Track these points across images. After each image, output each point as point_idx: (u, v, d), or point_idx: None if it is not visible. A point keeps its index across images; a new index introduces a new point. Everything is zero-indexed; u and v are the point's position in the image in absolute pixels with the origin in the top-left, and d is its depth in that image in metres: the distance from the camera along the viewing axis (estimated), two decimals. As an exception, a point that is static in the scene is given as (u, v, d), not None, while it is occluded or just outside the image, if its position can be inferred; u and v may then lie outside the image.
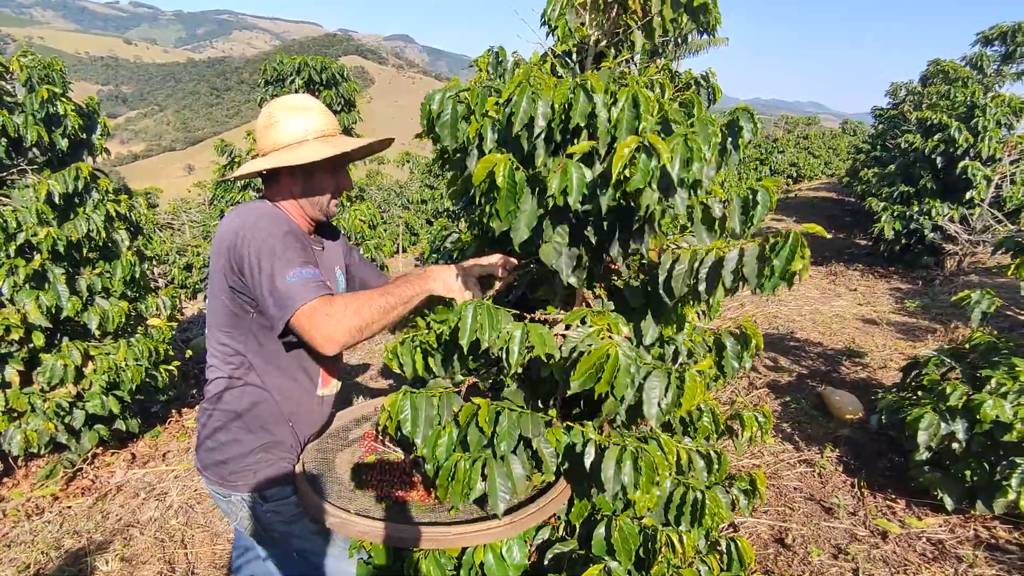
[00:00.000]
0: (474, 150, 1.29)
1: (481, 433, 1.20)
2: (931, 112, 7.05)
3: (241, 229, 1.33)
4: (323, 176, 1.48)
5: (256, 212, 1.38)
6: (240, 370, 1.45)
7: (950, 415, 2.59)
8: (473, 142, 1.29)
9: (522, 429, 1.21)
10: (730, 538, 1.67)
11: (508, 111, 1.18)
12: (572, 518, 1.45)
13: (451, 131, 1.31)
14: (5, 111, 3.08)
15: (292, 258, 1.30)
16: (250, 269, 1.30)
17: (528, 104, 1.16)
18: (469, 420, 1.22)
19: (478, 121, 1.27)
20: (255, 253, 1.30)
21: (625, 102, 1.12)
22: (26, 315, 3.06)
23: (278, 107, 1.46)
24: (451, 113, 1.30)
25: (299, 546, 1.56)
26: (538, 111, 1.17)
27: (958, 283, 6.43)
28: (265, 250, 1.29)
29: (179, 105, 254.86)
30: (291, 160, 1.39)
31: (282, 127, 1.43)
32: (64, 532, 2.95)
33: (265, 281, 1.28)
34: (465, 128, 1.30)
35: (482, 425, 1.19)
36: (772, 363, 4.58)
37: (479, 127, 1.26)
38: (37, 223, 3.11)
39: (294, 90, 5.56)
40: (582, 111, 1.13)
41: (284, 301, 1.26)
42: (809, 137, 18.01)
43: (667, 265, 1.23)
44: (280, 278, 1.27)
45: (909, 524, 2.69)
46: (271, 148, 1.45)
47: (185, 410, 4.34)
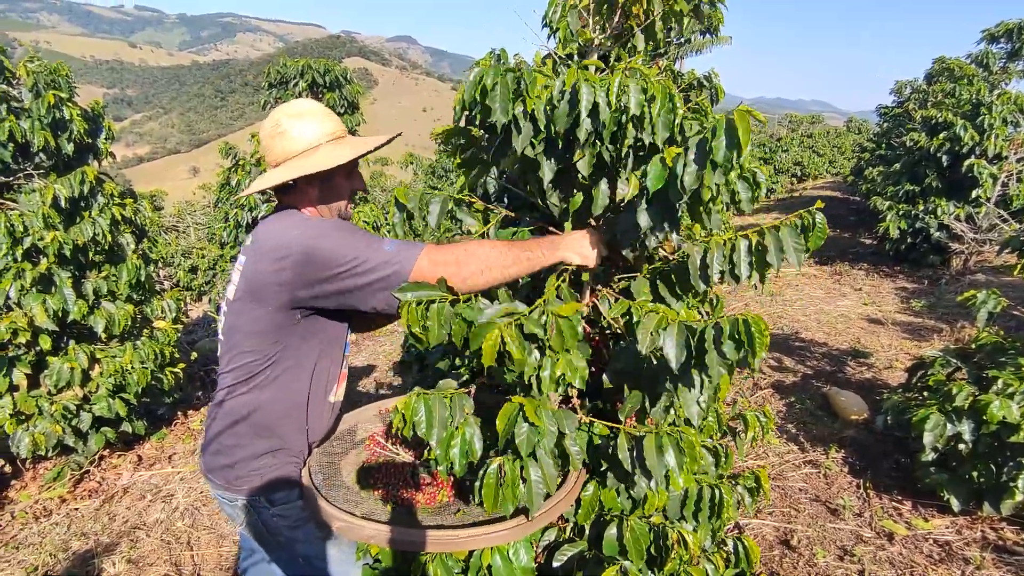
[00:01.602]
0: (526, 124, 1.28)
1: (531, 428, 1.18)
2: (936, 110, 7.02)
3: (306, 239, 1.31)
4: (340, 180, 1.49)
5: (305, 220, 1.39)
6: (257, 374, 1.45)
7: (956, 416, 2.58)
8: (525, 118, 1.28)
9: (559, 425, 1.22)
10: (736, 537, 1.67)
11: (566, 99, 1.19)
12: (580, 519, 1.45)
13: (502, 105, 1.27)
14: (12, 116, 3.11)
15: (375, 238, 1.31)
16: (343, 272, 1.29)
17: (589, 92, 1.17)
18: (512, 420, 1.19)
19: (531, 98, 1.26)
20: (342, 256, 1.29)
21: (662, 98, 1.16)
22: (33, 318, 3.08)
23: (283, 115, 1.44)
24: (501, 88, 1.27)
25: (305, 550, 1.56)
26: (599, 99, 1.18)
27: (964, 282, 6.40)
28: (350, 247, 1.29)
29: (183, 108, 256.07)
30: (311, 168, 1.38)
31: (292, 134, 1.42)
32: (72, 534, 2.97)
33: (365, 269, 1.28)
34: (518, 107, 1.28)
35: (533, 419, 1.16)
36: (777, 363, 4.57)
37: (533, 103, 1.25)
38: (43, 227, 3.13)
39: (298, 93, 5.59)
40: (638, 103, 1.16)
41: (396, 265, 1.26)
42: (813, 136, 17.95)
43: (698, 255, 1.26)
44: (380, 253, 1.27)
45: (915, 525, 2.68)
46: (284, 157, 1.43)
47: (191, 412, 4.36)
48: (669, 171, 1.15)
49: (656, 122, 1.19)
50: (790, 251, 1.20)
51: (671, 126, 1.19)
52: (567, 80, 1.20)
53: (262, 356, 1.43)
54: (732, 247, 1.24)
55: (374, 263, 1.27)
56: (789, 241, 1.20)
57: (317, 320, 1.43)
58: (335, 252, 1.29)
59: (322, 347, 1.48)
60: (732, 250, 1.24)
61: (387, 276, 1.27)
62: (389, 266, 1.27)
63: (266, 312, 1.38)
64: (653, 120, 1.19)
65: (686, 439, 1.21)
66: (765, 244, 1.22)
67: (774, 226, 1.23)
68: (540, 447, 1.19)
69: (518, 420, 1.19)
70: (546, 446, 1.20)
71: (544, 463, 1.23)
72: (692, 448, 1.21)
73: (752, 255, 1.23)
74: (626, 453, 1.26)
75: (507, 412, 1.20)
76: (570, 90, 1.19)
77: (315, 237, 1.31)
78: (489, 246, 1.32)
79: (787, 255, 1.20)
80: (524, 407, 1.17)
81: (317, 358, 1.48)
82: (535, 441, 1.19)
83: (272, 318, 1.39)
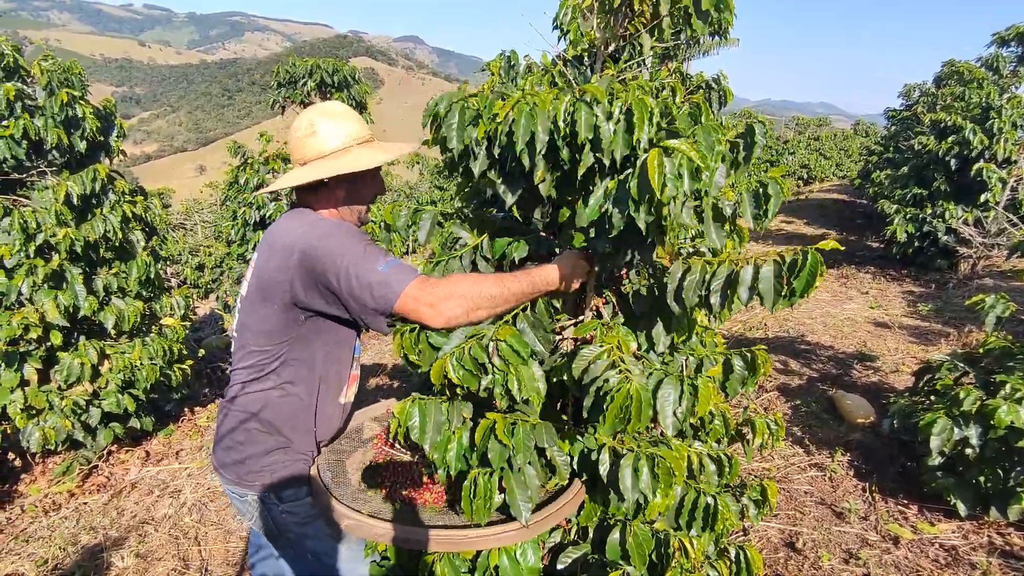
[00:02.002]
0: (482, 152, 1.29)
1: (501, 446, 1.20)
2: (945, 114, 6.98)
3: (310, 238, 1.34)
4: (365, 182, 1.51)
5: (316, 220, 1.41)
6: (267, 373, 1.47)
7: (963, 420, 2.57)
8: (481, 145, 1.29)
9: (537, 440, 1.22)
10: (739, 546, 1.67)
11: (507, 129, 1.18)
12: (582, 521, 1.46)
13: (458, 133, 1.29)
14: (27, 114, 3.14)
15: (375, 252, 1.32)
16: (336, 277, 1.30)
17: (527, 122, 1.15)
18: (487, 434, 1.22)
19: (486, 124, 1.26)
20: (339, 260, 1.30)
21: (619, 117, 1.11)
22: (44, 314, 3.11)
23: (316, 115, 1.46)
24: (458, 117, 1.29)
25: (313, 547, 1.58)
26: (538, 128, 1.16)
27: (972, 286, 6.36)
28: (348, 254, 1.31)
29: (191, 106, 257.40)
30: (344, 168, 1.40)
31: (325, 134, 1.44)
32: (80, 528, 2.99)
33: (355, 282, 1.29)
34: (472, 132, 1.29)
35: (501, 438, 1.19)
36: (783, 366, 4.56)
37: (487, 130, 1.25)
38: (56, 224, 3.16)
39: (306, 92, 5.62)
40: (587, 124, 1.12)
41: (385, 289, 1.27)
42: (820, 138, 17.89)
43: (677, 275, 1.22)
44: (373, 272, 1.28)
45: (921, 530, 2.67)
46: (315, 156, 1.45)
47: (198, 409, 4.39)
48: (600, 205, 1.14)
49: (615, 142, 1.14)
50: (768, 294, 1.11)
51: (630, 144, 1.14)
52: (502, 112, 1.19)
53: (270, 355, 1.45)
54: (713, 273, 1.18)
55: (365, 280, 1.28)
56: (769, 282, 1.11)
57: (323, 321, 1.45)
58: (334, 254, 1.30)
59: (328, 348, 1.50)
60: (712, 276, 1.18)
61: (373, 297, 1.28)
62: (379, 287, 1.27)
63: (273, 311, 1.40)
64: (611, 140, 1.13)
65: (662, 464, 1.18)
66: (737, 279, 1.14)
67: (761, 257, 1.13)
68: (516, 460, 1.21)
69: (490, 437, 1.21)
70: (522, 460, 1.21)
71: (527, 473, 1.25)
72: (668, 474, 1.18)
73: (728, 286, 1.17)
74: (607, 468, 1.26)
75: (483, 427, 1.23)
76: (510, 120, 1.18)
77: (320, 237, 1.33)
78: (476, 283, 1.30)
79: (762, 295, 1.12)
80: (496, 424, 1.19)
81: (324, 359, 1.49)
82: (506, 457, 1.21)
83: (279, 317, 1.41)
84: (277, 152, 5.13)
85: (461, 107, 1.29)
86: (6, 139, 3.05)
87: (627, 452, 1.19)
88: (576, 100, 1.13)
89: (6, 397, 3.06)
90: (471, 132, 1.28)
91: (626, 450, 1.20)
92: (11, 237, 3.06)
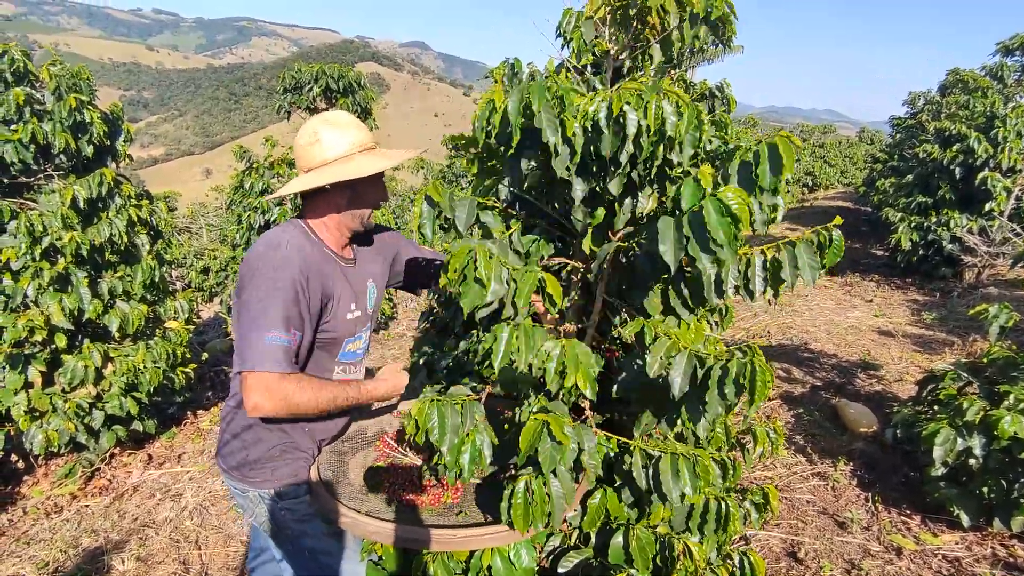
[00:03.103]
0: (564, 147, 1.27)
1: (555, 445, 1.17)
2: (950, 122, 6.98)
3: (256, 261, 1.40)
4: (367, 189, 1.53)
5: (273, 246, 1.42)
6: None
7: (967, 430, 2.56)
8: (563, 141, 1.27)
9: (580, 441, 1.22)
10: (742, 552, 1.66)
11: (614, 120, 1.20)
12: (586, 526, 1.45)
13: (552, 127, 1.26)
14: (35, 119, 3.18)
15: (276, 319, 1.34)
16: (243, 304, 1.38)
17: (635, 117, 1.18)
18: (536, 436, 1.18)
19: (572, 119, 1.25)
20: (255, 285, 1.37)
21: (689, 116, 1.17)
22: (49, 317, 3.13)
23: (320, 123, 1.49)
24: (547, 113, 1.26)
25: (311, 545, 1.59)
26: (643, 125, 1.19)
27: (976, 295, 6.34)
28: (264, 292, 1.35)
29: (198, 110, 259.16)
30: (345, 175, 1.43)
31: (328, 142, 1.47)
32: (82, 531, 3.00)
33: (245, 324, 1.35)
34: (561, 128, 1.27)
35: (559, 437, 1.16)
36: (785, 374, 4.55)
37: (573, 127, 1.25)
38: (62, 227, 3.19)
39: (312, 97, 5.65)
40: (673, 125, 1.17)
41: (247, 355, 1.33)
42: (825, 146, 17.87)
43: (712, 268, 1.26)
44: (259, 331, 1.33)
45: (924, 540, 2.66)
46: (319, 164, 1.48)
47: (200, 412, 4.41)
48: (704, 192, 1.14)
49: (684, 141, 1.20)
50: (805, 268, 1.21)
51: (696, 144, 1.20)
52: (614, 105, 1.20)
53: None
54: (748, 262, 1.25)
55: (246, 333, 1.35)
56: (804, 258, 1.21)
57: None
58: (252, 294, 1.37)
59: (310, 355, 1.51)
60: (747, 265, 1.25)
61: (239, 348, 1.36)
62: (249, 348, 1.33)
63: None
64: (681, 139, 1.19)
65: (701, 463, 1.22)
66: (779, 260, 1.22)
67: (789, 242, 1.23)
68: (561, 463, 1.19)
69: (543, 437, 1.18)
70: (567, 462, 1.20)
71: (563, 477, 1.24)
72: (707, 472, 1.22)
73: (767, 271, 1.24)
74: (640, 471, 1.27)
75: (531, 429, 1.19)
76: (617, 115, 1.20)
77: (256, 271, 1.38)
78: (317, 390, 1.41)
79: (801, 272, 1.21)
80: (550, 424, 1.18)
81: (312, 366, 1.51)
82: (557, 458, 1.18)
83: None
84: (282, 157, 5.16)
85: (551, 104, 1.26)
86: (14, 143, 3.08)
87: (664, 455, 1.20)
88: (661, 99, 1.18)
89: (10, 399, 3.07)
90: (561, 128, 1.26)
91: (658, 452, 1.21)
92: (18, 240, 3.08)
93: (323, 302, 1.46)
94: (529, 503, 1.20)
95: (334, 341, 1.54)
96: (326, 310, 1.48)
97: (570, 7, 1.81)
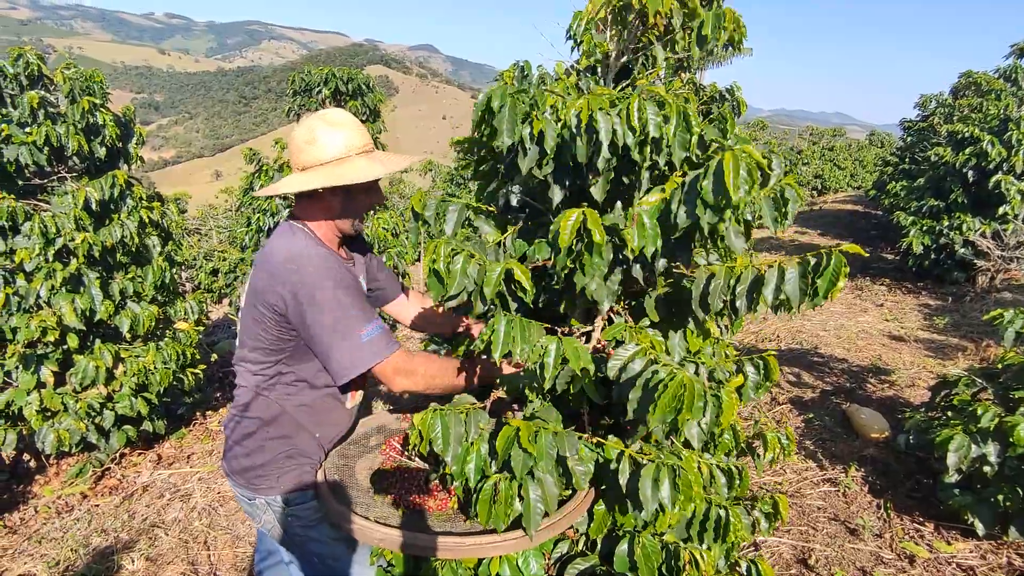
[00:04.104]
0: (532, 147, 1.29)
1: (525, 453, 1.19)
2: (963, 125, 6.90)
3: (298, 274, 1.37)
4: (362, 193, 1.51)
5: (307, 254, 1.40)
6: (269, 381, 1.48)
7: (981, 437, 2.52)
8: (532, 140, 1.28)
9: (559, 448, 1.21)
10: (751, 560, 1.64)
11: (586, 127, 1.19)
12: (592, 532, 1.44)
13: (508, 127, 1.28)
14: (49, 121, 3.21)
15: (359, 313, 1.37)
16: (314, 323, 1.36)
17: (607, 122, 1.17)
18: (510, 443, 1.21)
19: (540, 121, 1.25)
20: (319, 306, 1.35)
21: (676, 117, 1.14)
22: (62, 317, 3.16)
23: (318, 121, 1.46)
24: (509, 110, 1.28)
25: (318, 550, 1.58)
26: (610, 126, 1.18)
27: (990, 300, 6.26)
28: (330, 302, 1.35)
29: (208, 113, 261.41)
30: (341, 179, 1.40)
31: (324, 142, 1.43)
32: (92, 530, 3.02)
33: (334, 337, 1.36)
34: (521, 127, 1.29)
35: (525, 445, 1.18)
36: (795, 378, 4.51)
37: (541, 126, 1.25)
38: (75, 228, 3.21)
39: (321, 100, 5.67)
40: (655, 124, 1.15)
41: (363, 356, 1.36)
42: (835, 149, 17.74)
43: (702, 281, 1.23)
44: (354, 336, 1.35)
45: (938, 548, 2.62)
46: (314, 163, 1.44)
47: (209, 413, 4.43)
48: (664, 209, 1.14)
49: (672, 143, 1.17)
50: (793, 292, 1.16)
51: (687, 146, 1.18)
52: (582, 111, 1.19)
53: (270, 365, 1.48)
54: (738, 277, 1.21)
55: (341, 342, 1.36)
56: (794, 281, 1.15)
57: None
58: (324, 309, 1.36)
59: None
60: (738, 281, 1.21)
61: (348, 358, 1.36)
62: (357, 352, 1.36)
63: (266, 328, 1.43)
64: (669, 141, 1.17)
65: (684, 476, 1.18)
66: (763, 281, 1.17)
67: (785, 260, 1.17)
68: (538, 469, 1.20)
69: (513, 445, 1.20)
70: (544, 468, 1.20)
71: (545, 483, 1.23)
72: (688, 486, 1.18)
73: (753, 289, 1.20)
74: (627, 477, 1.25)
75: (505, 434, 1.21)
76: (587, 121, 1.18)
77: (313, 287, 1.36)
78: (441, 366, 1.47)
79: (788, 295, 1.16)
80: (519, 432, 1.18)
81: (318, 371, 1.50)
82: (528, 465, 1.20)
83: (271, 335, 1.44)
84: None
85: (512, 102, 1.27)
86: (29, 145, 3.11)
87: (648, 462, 1.18)
88: (644, 101, 1.16)
89: (23, 398, 3.10)
90: (524, 129, 1.28)
91: (647, 460, 1.19)
92: (31, 241, 3.11)
93: None
94: (494, 502, 1.22)
95: None
96: None
97: (580, 10, 1.81)
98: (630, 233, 1.15)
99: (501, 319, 1.18)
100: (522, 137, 1.28)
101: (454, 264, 1.25)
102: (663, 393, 1.07)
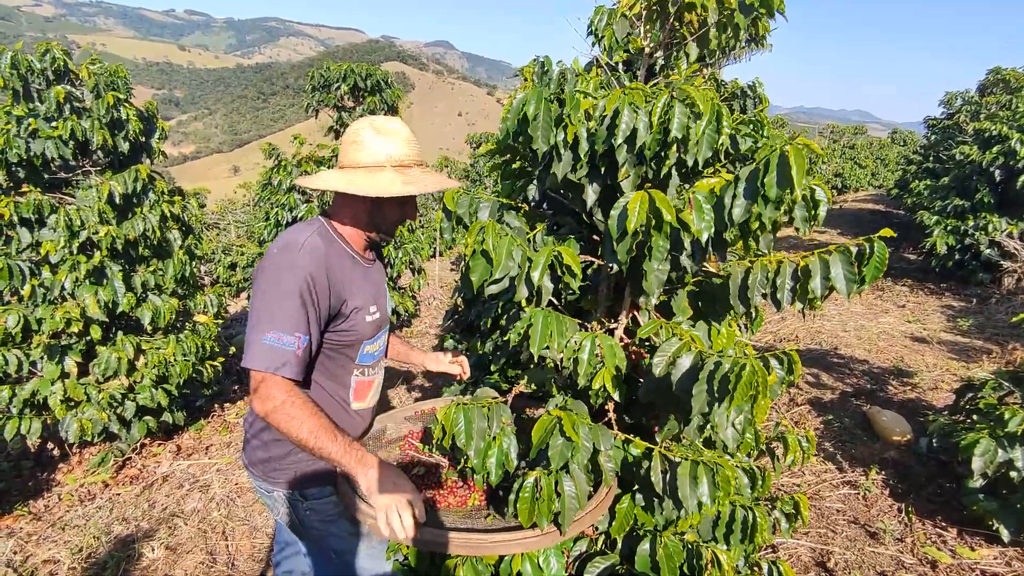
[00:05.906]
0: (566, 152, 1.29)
1: (567, 442, 1.17)
2: (990, 123, 6.74)
3: (268, 258, 1.39)
4: (391, 207, 1.49)
5: (299, 240, 1.40)
6: None
7: (1008, 442, 2.47)
8: (566, 146, 1.28)
9: (595, 441, 1.20)
10: (771, 561, 1.62)
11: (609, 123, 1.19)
12: (613, 532, 1.43)
13: (543, 134, 1.28)
14: (74, 116, 3.26)
15: (284, 317, 1.33)
16: (251, 302, 1.38)
17: (630, 116, 1.16)
18: (548, 432, 1.18)
19: (574, 125, 1.25)
20: (259, 290, 1.36)
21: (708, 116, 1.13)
22: (85, 309, 3.22)
23: (366, 124, 1.45)
24: (544, 116, 1.28)
25: (336, 545, 1.59)
26: (640, 124, 1.17)
27: (1016, 302, 6.12)
28: (268, 292, 1.35)
29: (227, 109, 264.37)
30: (363, 188, 1.38)
31: (365, 145, 1.43)
32: (114, 518, 3.07)
33: (250, 321, 1.35)
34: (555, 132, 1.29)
35: (569, 434, 1.16)
36: (815, 379, 4.45)
37: (576, 131, 1.25)
38: (98, 222, 3.27)
39: (340, 96, 5.70)
40: (680, 126, 1.14)
41: (253, 354, 1.32)
42: (856, 147, 17.45)
43: (740, 275, 1.22)
44: (260, 332, 1.32)
45: (961, 554, 2.57)
46: (350, 164, 1.44)
47: (227, 405, 4.48)
48: (717, 201, 1.12)
49: (701, 141, 1.16)
50: (839, 280, 1.15)
51: (715, 144, 1.17)
52: (608, 104, 1.19)
53: None
54: (777, 270, 1.20)
55: (251, 329, 1.34)
56: (839, 269, 1.15)
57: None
58: (258, 294, 1.36)
59: (324, 359, 1.50)
60: (776, 273, 1.20)
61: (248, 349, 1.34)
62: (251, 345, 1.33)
63: None
64: (698, 139, 1.16)
65: (722, 472, 1.17)
66: (809, 270, 1.17)
67: (825, 251, 1.17)
68: (574, 461, 1.18)
69: (554, 433, 1.18)
70: (580, 461, 1.19)
71: (577, 477, 1.22)
72: (727, 482, 1.18)
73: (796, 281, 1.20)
74: (659, 476, 1.24)
75: (543, 423, 1.19)
76: (610, 114, 1.18)
77: (266, 270, 1.37)
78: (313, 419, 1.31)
79: (835, 283, 1.15)
80: (562, 420, 1.17)
81: (320, 364, 1.49)
82: (568, 456, 1.18)
83: None
84: (310, 154, 5.21)
85: (546, 106, 1.27)
86: (55, 139, 3.17)
87: (683, 461, 1.17)
88: (672, 99, 1.16)
89: (47, 388, 3.16)
90: (558, 135, 1.28)
91: (679, 458, 1.18)
92: (57, 234, 3.17)
93: (335, 303, 1.42)
94: (536, 498, 1.20)
95: (354, 343, 1.51)
96: (340, 312, 1.45)
97: (602, 4, 1.79)
98: (689, 216, 1.13)
99: (539, 313, 1.17)
100: (556, 143, 1.28)
101: (500, 246, 1.23)
102: (737, 384, 1.05)
